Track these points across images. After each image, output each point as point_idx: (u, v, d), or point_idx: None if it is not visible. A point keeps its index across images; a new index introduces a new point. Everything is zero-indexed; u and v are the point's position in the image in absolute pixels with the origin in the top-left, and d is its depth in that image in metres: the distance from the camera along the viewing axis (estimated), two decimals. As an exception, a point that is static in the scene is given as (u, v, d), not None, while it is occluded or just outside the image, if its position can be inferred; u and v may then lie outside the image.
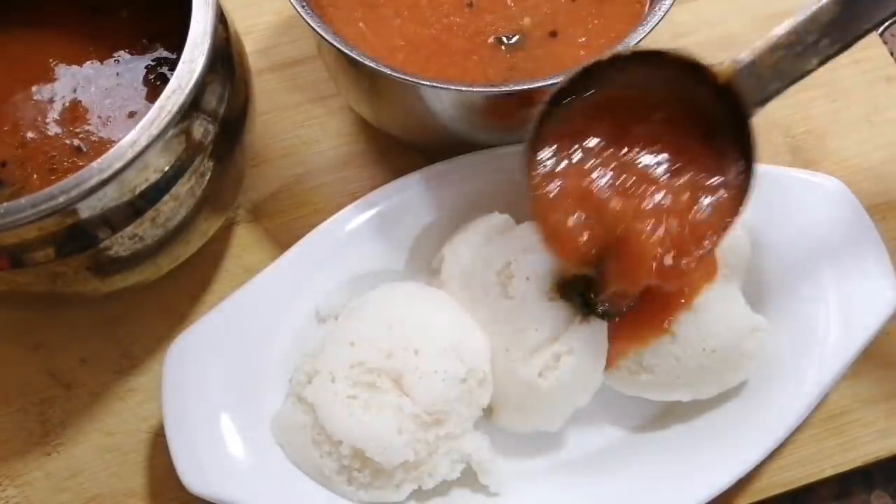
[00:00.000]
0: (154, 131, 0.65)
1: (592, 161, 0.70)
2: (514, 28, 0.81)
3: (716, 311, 0.74)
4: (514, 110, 0.80)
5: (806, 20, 0.64)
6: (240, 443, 0.74)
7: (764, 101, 0.67)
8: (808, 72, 0.66)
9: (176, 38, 0.71)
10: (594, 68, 0.68)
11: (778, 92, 0.67)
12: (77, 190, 0.64)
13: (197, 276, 0.86)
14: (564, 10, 0.82)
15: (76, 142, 0.75)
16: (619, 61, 0.67)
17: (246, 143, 0.80)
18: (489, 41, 0.80)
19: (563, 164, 0.70)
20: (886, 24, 1.01)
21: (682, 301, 0.74)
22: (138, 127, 0.65)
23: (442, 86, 0.73)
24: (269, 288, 0.78)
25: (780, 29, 0.64)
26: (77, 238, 0.68)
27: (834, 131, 0.94)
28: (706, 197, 0.69)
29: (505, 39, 0.80)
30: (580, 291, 0.73)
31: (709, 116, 0.69)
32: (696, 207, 0.69)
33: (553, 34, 0.81)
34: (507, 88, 0.73)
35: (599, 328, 0.74)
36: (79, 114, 0.77)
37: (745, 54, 0.65)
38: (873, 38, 0.98)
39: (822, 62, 0.66)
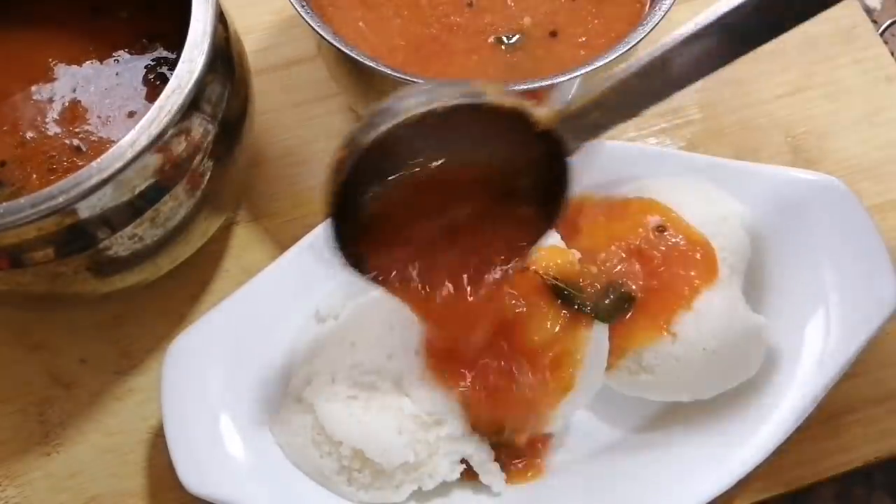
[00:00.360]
0: (153, 131, 0.65)
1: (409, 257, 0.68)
2: (514, 28, 0.81)
3: (716, 311, 0.74)
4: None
5: (637, 72, 0.60)
6: (239, 443, 0.74)
7: (581, 146, 0.64)
8: (633, 117, 0.63)
9: (176, 38, 0.71)
10: (402, 129, 0.60)
11: (598, 135, 0.64)
12: (76, 190, 0.63)
13: (197, 276, 0.86)
14: (564, 10, 0.81)
15: (76, 141, 0.75)
16: (430, 118, 0.60)
17: (246, 142, 0.79)
18: (489, 41, 0.80)
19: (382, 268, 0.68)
20: (887, 24, 1.01)
21: (683, 301, 0.74)
22: (138, 127, 0.65)
23: (442, 86, 0.73)
24: (269, 288, 0.78)
25: (613, 77, 0.60)
26: (76, 238, 0.68)
27: (834, 131, 0.94)
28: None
29: (505, 39, 0.80)
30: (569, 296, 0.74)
31: (523, 166, 0.65)
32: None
33: (553, 34, 0.80)
34: (507, 88, 0.73)
35: (601, 329, 0.74)
36: (78, 113, 0.76)
37: (572, 103, 0.62)
38: (873, 37, 0.98)
39: (647, 109, 0.63)
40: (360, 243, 0.65)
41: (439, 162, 0.64)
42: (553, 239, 0.77)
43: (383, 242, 0.66)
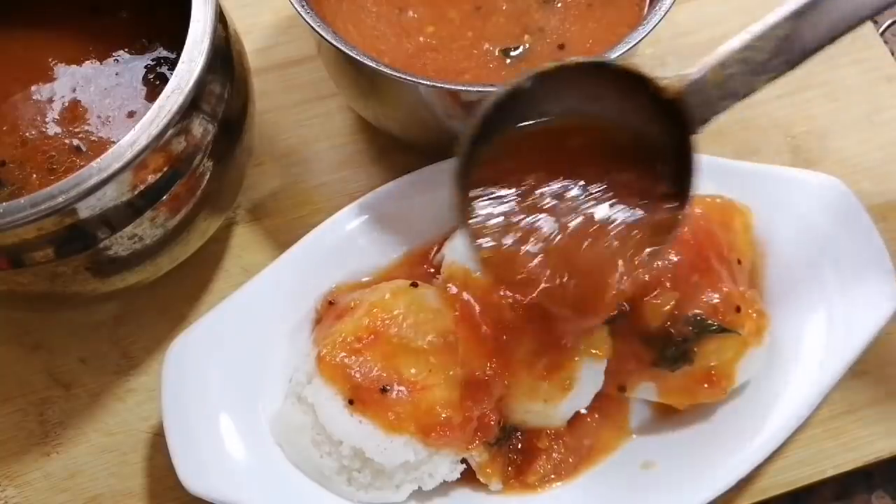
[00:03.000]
0: (153, 131, 0.65)
1: (536, 205, 0.67)
2: (520, 40, 0.80)
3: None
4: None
5: (758, 37, 0.60)
6: (239, 443, 0.74)
7: (709, 119, 0.63)
8: (756, 90, 0.63)
9: (175, 38, 0.71)
10: (534, 81, 0.62)
11: (724, 109, 0.63)
12: (76, 190, 0.64)
13: (197, 276, 0.86)
14: (572, 23, 0.81)
15: (75, 141, 0.75)
16: (563, 72, 0.62)
17: (245, 142, 0.79)
18: (495, 53, 0.80)
19: (506, 212, 0.67)
20: (888, 24, 1.01)
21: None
22: (137, 127, 0.65)
23: (442, 86, 0.73)
24: (269, 288, 0.78)
25: (731, 45, 0.60)
26: (76, 238, 0.68)
27: (834, 131, 0.94)
28: (647, 221, 0.66)
29: (511, 52, 0.80)
30: None
31: (646, 134, 0.65)
32: (637, 234, 0.66)
33: (561, 47, 0.80)
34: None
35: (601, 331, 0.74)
36: (78, 113, 0.76)
37: (694, 70, 0.61)
38: (874, 37, 0.98)
39: (771, 80, 0.62)
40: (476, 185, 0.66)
41: (563, 119, 0.65)
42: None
43: (498, 199, 0.66)
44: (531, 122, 0.65)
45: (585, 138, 0.66)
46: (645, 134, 0.65)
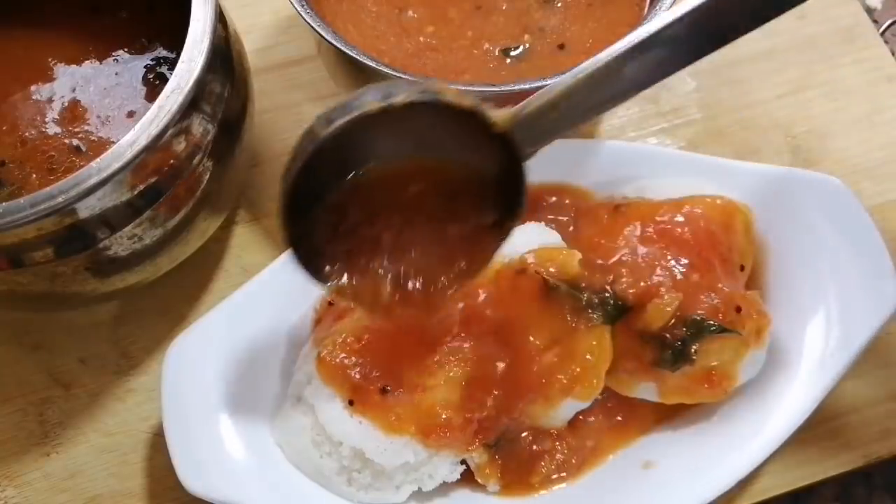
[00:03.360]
0: (153, 131, 0.65)
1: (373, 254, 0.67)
2: (520, 40, 0.80)
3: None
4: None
5: (588, 75, 0.59)
6: (239, 443, 0.74)
7: (538, 148, 0.63)
8: (586, 122, 0.63)
9: (175, 38, 0.71)
10: (359, 126, 0.59)
11: (552, 139, 0.63)
12: (76, 190, 0.64)
13: (196, 277, 0.86)
14: (572, 22, 0.81)
15: (75, 141, 0.75)
16: (388, 112, 0.59)
17: (245, 142, 0.79)
18: (495, 53, 0.80)
19: (346, 259, 0.67)
20: (888, 24, 1.01)
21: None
22: (137, 126, 0.65)
23: (442, 85, 0.73)
24: (269, 288, 0.78)
25: (564, 81, 0.60)
26: (76, 238, 0.68)
27: (834, 131, 0.94)
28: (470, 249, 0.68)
29: (511, 51, 0.80)
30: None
31: (482, 166, 0.64)
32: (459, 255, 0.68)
33: (561, 47, 0.80)
34: (508, 88, 0.73)
35: (603, 331, 0.74)
36: (78, 113, 0.76)
37: (524, 104, 0.61)
38: (874, 37, 0.98)
39: (600, 113, 0.62)
40: (315, 247, 0.66)
41: (395, 162, 0.64)
42: (554, 239, 0.77)
43: (338, 246, 0.66)
44: (369, 166, 0.64)
45: (423, 181, 0.66)
46: (481, 165, 0.64)
